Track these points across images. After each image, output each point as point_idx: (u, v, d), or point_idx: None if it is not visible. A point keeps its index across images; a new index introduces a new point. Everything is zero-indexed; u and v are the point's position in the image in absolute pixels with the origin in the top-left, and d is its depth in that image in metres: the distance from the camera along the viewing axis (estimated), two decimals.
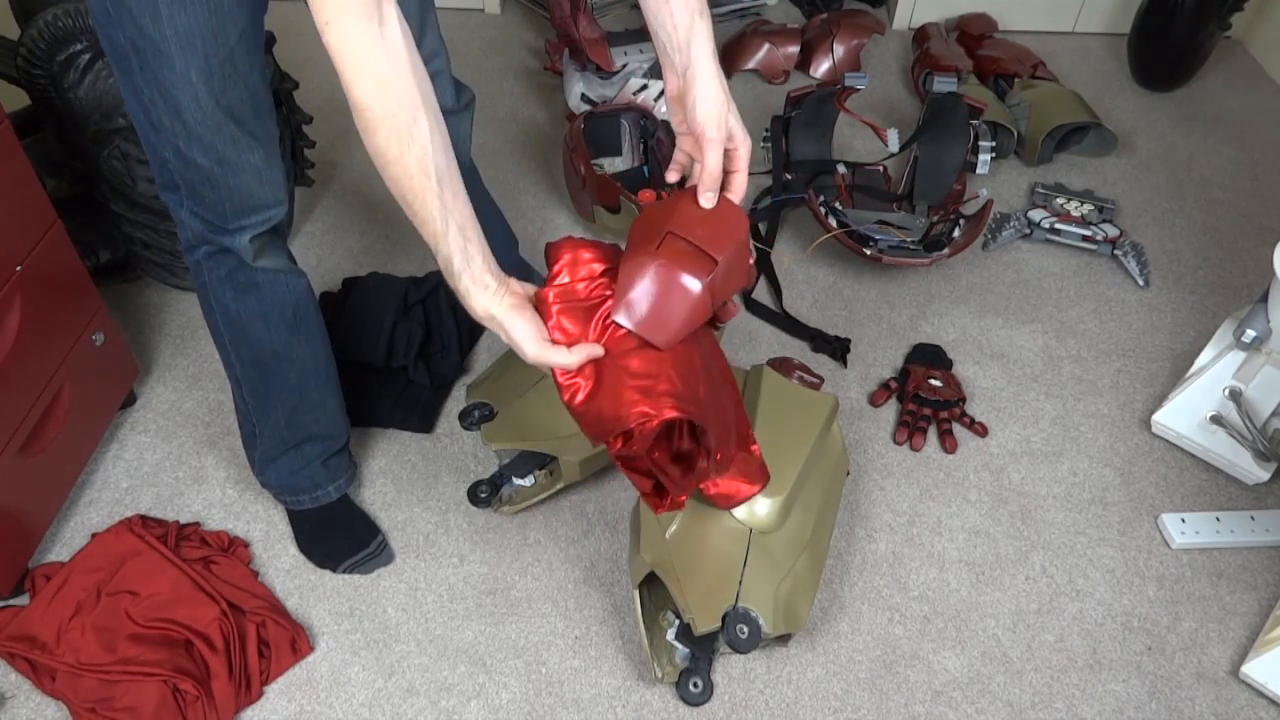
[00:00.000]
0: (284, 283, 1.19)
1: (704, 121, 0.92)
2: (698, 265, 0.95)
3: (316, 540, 1.40)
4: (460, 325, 1.68)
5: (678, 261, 0.95)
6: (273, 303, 1.19)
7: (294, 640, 1.28)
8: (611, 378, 0.96)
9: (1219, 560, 1.45)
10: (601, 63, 2.13)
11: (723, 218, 0.98)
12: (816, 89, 1.94)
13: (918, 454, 1.58)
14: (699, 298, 0.95)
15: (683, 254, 0.96)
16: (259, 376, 1.26)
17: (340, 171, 2.03)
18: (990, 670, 1.32)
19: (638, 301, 0.96)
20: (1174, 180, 2.14)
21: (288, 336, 1.23)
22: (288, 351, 1.24)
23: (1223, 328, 1.61)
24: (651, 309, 0.96)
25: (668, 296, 0.95)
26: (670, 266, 0.95)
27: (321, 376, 1.30)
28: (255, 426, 1.32)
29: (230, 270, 1.15)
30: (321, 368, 1.30)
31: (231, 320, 1.20)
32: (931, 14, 2.56)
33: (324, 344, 1.30)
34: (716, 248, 0.96)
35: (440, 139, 0.86)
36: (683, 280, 0.95)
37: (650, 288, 0.96)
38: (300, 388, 1.28)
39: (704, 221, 0.97)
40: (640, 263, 0.97)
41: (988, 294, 1.86)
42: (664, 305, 0.96)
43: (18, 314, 1.24)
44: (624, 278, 0.97)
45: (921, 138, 1.93)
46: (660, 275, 0.95)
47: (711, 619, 1.19)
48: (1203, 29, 2.27)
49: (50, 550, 1.38)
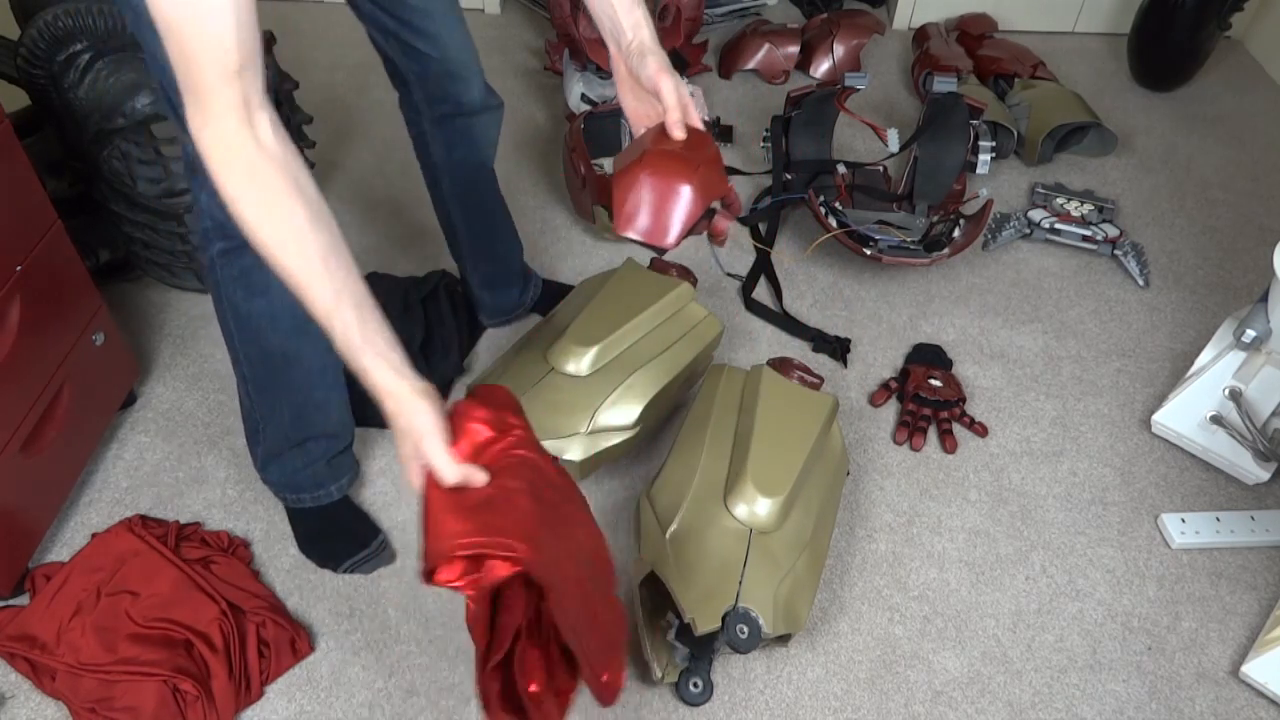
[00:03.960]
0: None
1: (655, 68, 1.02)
2: (682, 166, 1.02)
3: (317, 540, 1.40)
4: (460, 325, 1.68)
5: (663, 167, 1.02)
6: (283, 305, 1.19)
7: (294, 640, 1.28)
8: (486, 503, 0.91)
9: (1219, 560, 1.45)
10: (601, 63, 2.13)
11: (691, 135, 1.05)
12: (816, 89, 1.94)
13: (918, 454, 1.58)
14: (690, 195, 1.02)
15: (666, 161, 1.03)
16: (266, 375, 1.26)
17: (340, 172, 2.03)
18: (990, 670, 1.32)
19: (635, 211, 1.03)
20: (1174, 180, 2.14)
21: (296, 338, 1.23)
22: (296, 352, 1.24)
23: (1223, 328, 1.61)
24: (650, 214, 1.02)
25: (662, 199, 1.02)
26: (658, 172, 1.02)
27: (328, 377, 1.30)
28: (260, 423, 1.32)
29: (243, 269, 1.15)
30: (329, 368, 1.30)
31: (241, 319, 1.20)
32: (931, 14, 2.56)
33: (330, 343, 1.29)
34: (694, 152, 1.03)
35: (321, 221, 0.92)
36: (672, 181, 1.02)
37: (644, 194, 1.02)
38: (306, 387, 1.28)
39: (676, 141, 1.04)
40: (630, 176, 1.03)
41: (988, 294, 1.86)
42: (660, 208, 1.02)
43: (18, 314, 1.24)
44: (618, 194, 1.03)
45: (921, 138, 1.93)
46: (650, 181, 1.02)
47: (711, 619, 1.19)
48: (1203, 29, 2.27)
49: (50, 550, 1.38)
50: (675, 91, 1.02)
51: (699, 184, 1.02)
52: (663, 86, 1.02)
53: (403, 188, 1.99)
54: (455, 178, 1.50)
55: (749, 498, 1.27)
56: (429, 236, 1.87)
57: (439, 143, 1.45)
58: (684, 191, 1.02)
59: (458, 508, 0.90)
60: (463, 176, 1.50)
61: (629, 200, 1.03)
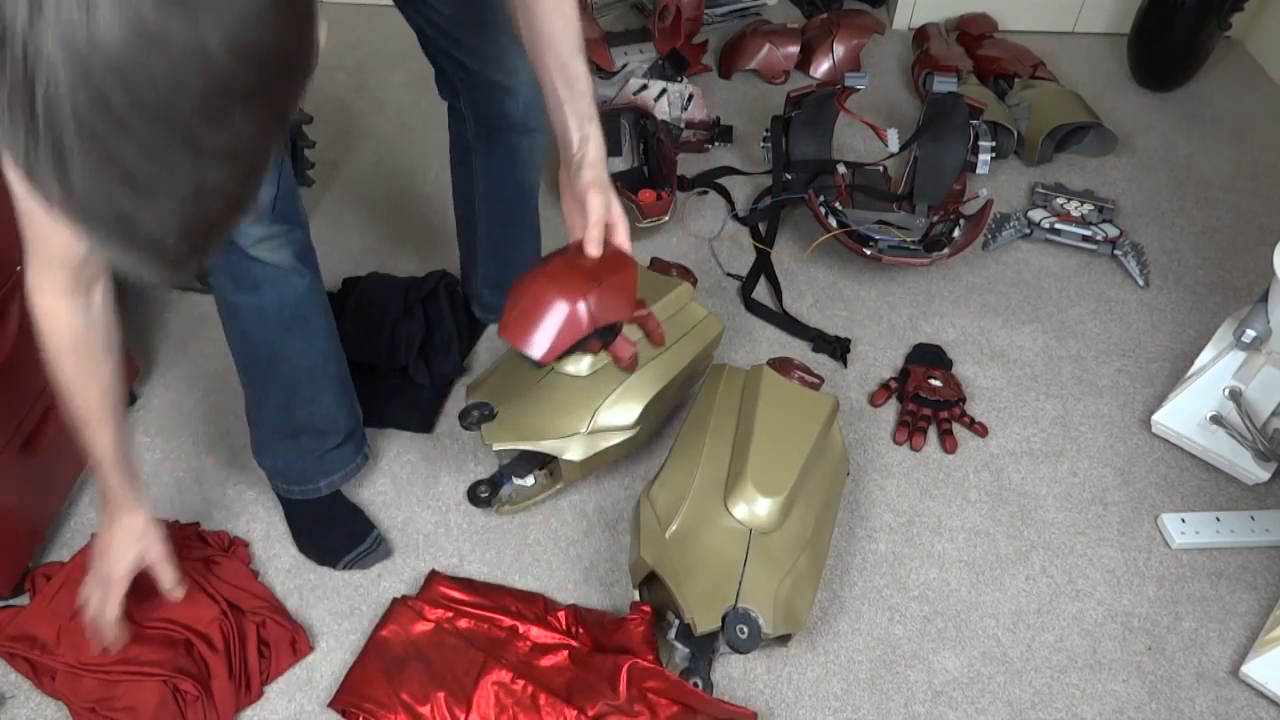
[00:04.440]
0: (283, 281, 1.19)
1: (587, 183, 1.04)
2: (577, 284, 1.03)
3: (313, 538, 1.40)
4: (460, 325, 1.68)
5: (558, 281, 1.03)
6: (271, 301, 1.20)
7: (294, 640, 1.28)
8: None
9: (1219, 560, 1.45)
10: (601, 63, 2.13)
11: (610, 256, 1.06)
12: (816, 89, 1.94)
13: (918, 454, 1.58)
14: (571, 312, 1.02)
15: (564, 276, 1.04)
16: (253, 367, 1.28)
17: (340, 172, 2.03)
18: (990, 670, 1.32)
19: (515, 319, 1.04)
20: (1174, 180, 2.14)
21: (284, 336, 1.23)
22: (283, 350, 1.25)
23: (1223, 328, 1.61)
24: (528, 325, 1.03)
25: (544, 313, 1.03)
26: (551, 284, 1.03)
27: (317, 375, 1.30)
28: (251, 414, 1.34)
29: (230, 263, 1.15)
30: (318, 367, 1.30)
31: (228, 310, 1.22)
32: (931, 14, 2.56)
33: (325, 343, 1.30)
34: (600, 273, 1.04)
35: (120, 369, 1.06)
36: (560, 297, 1.02)
37: (528, 304, 1.03)
38: (293, 384, 1.28)
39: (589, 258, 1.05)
40: (523, 283, 1.05)
41: (988, 294, 1.86)
42: (539, 321, 1.03)
43: (18, 314, 1.24)
44: (510, 297, 1.06)
45: (921, 138, 1.93)
46: (539, 293, 1.03)
47: (711, 619, 1.19)
48: (1203, 29, 2.27)
49: (50, 550, 1.38)
50: (601, 210, 1.03)
51: (591, 305, 1.03)
52: (590, 202, 1.03)
53: (403, 188, 1.99)
54: (493, 190, 1.50)
55: (749, 498, 1.27)
56: (429, 236, 1.87)
57: (481, 155, 1.46)
58: (565, 309, 1.02)
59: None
60: (503, 191, 1.50)
61: (514, 306, 1.05)
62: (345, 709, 1.22)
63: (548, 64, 1.06)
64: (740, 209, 2.00)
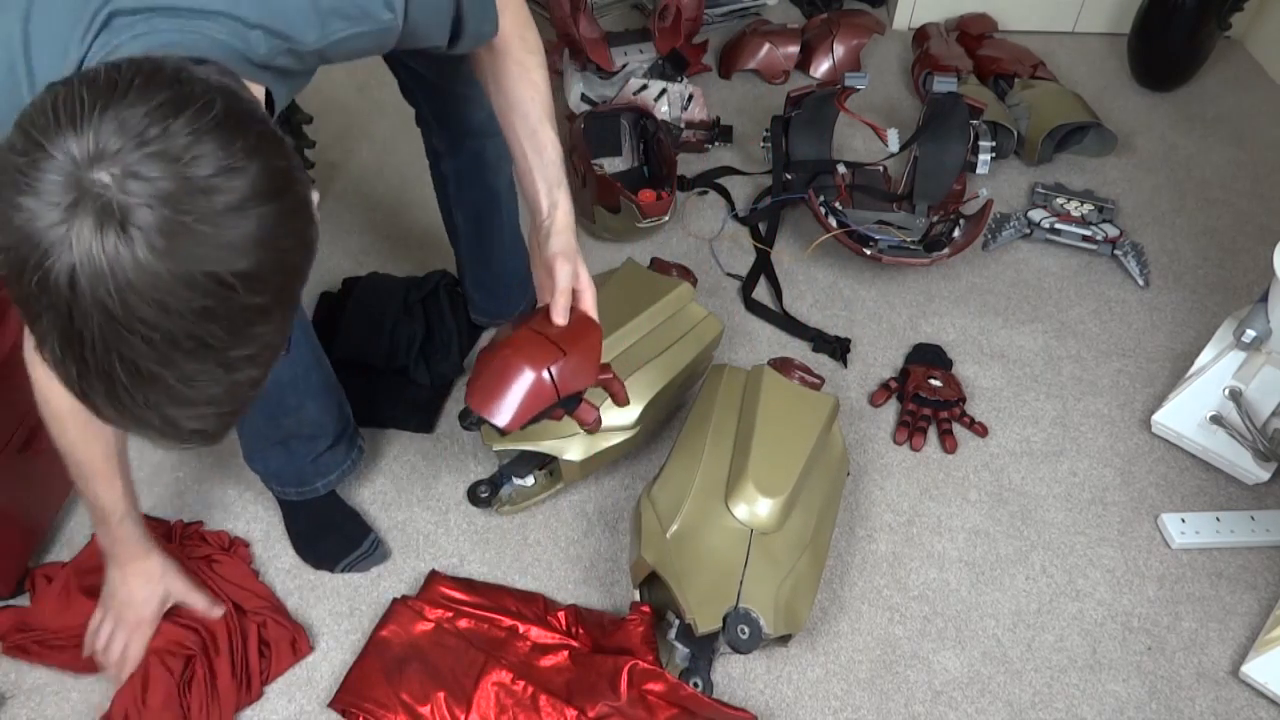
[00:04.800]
0: None
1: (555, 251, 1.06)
2: (542, 354, 1.05)
3: (310, 541, 1.39)
4: (460, 325, 1.68)
5: (524, 350, 1.05)
6: None
7: (294, 640, 1.28)
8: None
9: (1219, 560, 1.45)
10: (601, 63, 2.13)
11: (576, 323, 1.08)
12: (816, 89, 1.94)
13: (918, 454, 1.58)
14: (536, 381, 1.04)
15: (530, 345, 1.06)
16: None
17: (340, 172, 2.03)
18: (990, 670, 1.32)
19: (482, 387, 1.06)
20: (1174, 180, 2.14)
21: None
22: None
23: (1223, 328, 1.61)
24: (494, 393, 1.05)
25: (509, 382, 1.05)
26: (518, 353, 1.05)
27: (299, 384, 1.28)
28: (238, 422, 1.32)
29: None
30: (299, 376, 1.28)
31: None
32: (931, 14, 2.56)
33: (305, 353, 1.28)
34: (564, 343, 1.06)
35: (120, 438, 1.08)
36: (525, 365, 1.04)
37: (494, 373, 1.05)
38: (277, 397, 1.26)
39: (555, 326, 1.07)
40: (490, 352, 1.07)
41: (988, 294, 1.86)
42: (506, 389, 1.05)
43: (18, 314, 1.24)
44: (477, 366, 1.08)
45: (921, 138, 1.93)
46: (505, 362, 1.05)
47: (712, 620, 1.19)
48: (1203, 29, 2.27)
49: (50, 550, 1.38)
50: (568, 279, 1.05)
51: (558, 373, 1.05)
52: (557, 270, 1.05)
53: (402, 188, 1.99)
54: (465, 194, 1.50)
55: (750, 498, 1.27)
56: (429, 236, 1.87)
57: (449, 159, 1.46)
58: (531, 378, 1.04)
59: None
60: (472, 195, 1.50)
61: (481, 375, 1.07)
62: (345, 709, 1.22)
63: (517, 131, 1.09)
64: (740, 209, 2.00)
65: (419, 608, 1.30)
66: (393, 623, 1.28)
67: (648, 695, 1.20)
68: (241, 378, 0.65)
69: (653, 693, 1.20)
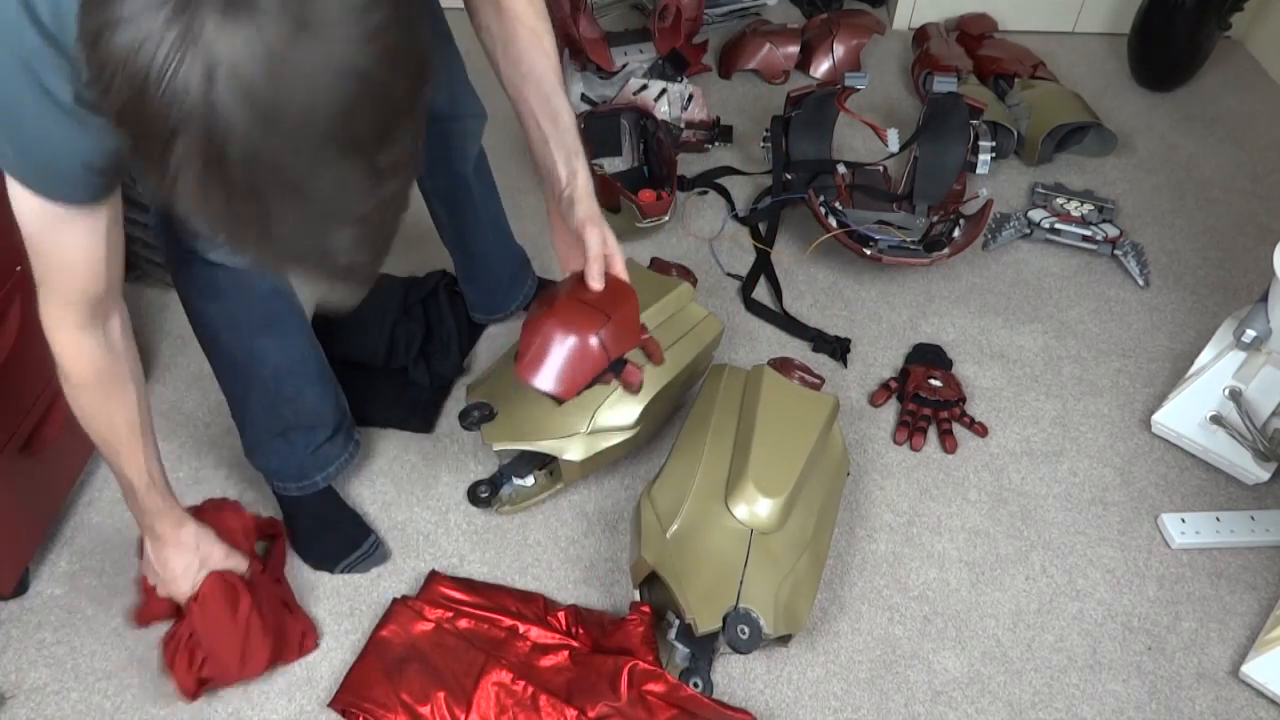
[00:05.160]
0: (250, 285, 1.18)
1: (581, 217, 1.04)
2: (588, 320, 1.05)
3: (310, 541, 1.39)
4: (460, 325, 1.68)
5: (570, 318, 1.05)
6: (239, 306, 1.19)
7: (304, 635, 1.28)
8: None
9: (1219, 560, 1.45)
10: (601, 63, 2.13)
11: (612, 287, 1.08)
12: (816, 89, 1.94)
13: (918, 454, 1.58)
14: (587, 347, 1.05)
15: (574, 312, 1.05)
16: (230, 372, 1.28)
17: None
18: (990, 670, 1.32)
19: (535, 360, 1.05)
20: (1174, 180, 2.14)
21: (258, 340, 1.23)
22: (259, 353, 1.25)
23: (1223, 328, 1.61)
24: (548, 364, 1.05)
25: (562, 351, 1.05)
26: (564, 323, 1.05)
27: (297, 371, 1.29)
28: (238, 416, 1.34)
29: (192, 274, 1.16)
30: (296, 363, 1.29)
31: (196, 318, 1.22)
32: (931, 14, 2.56)
33: (299, 339, 1.29)
34: (606, 307, 1.06)
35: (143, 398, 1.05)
36: (575, 332, 1.04)
37: (545, 344, 1.05)
38: (275, 383, 1.28)
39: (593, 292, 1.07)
40: (536, 324, 1.06)
41: (988, 294, 1.86)
42: (559, 359, 1.05)
43: (18, 314, 1.24)
44: (524, 340, 1.07)
45: (921, 138, 1.93)
46: (554, 332, 1.05)
47: (712, 620, 1.19)
48: (1203, 29, 2.27)
49: (50, 550, 1.38)
50: (599, 243, 1.03)
51: (605, 337, 1.05)
52: (587, 237, 1.03)
53: None
54: (434, 179, 1.51)
55: (750, 498, 1.27)
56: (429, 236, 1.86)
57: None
58: (584, 344, 1.04)
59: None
60: (440, 179, 1.50)
61: (531, 348, 1.06)
62: (345, 709, 1.22)
63: (530, 101, 1.07)
64: (740, 209, 2.00)
65: (419, 608, 1.29)
66: (393, 623, 1.28)
67: (648, 696, 1.20)
68: (388, 192, 0.61)
69: (652, 693, 1.20)
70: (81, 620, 1.31)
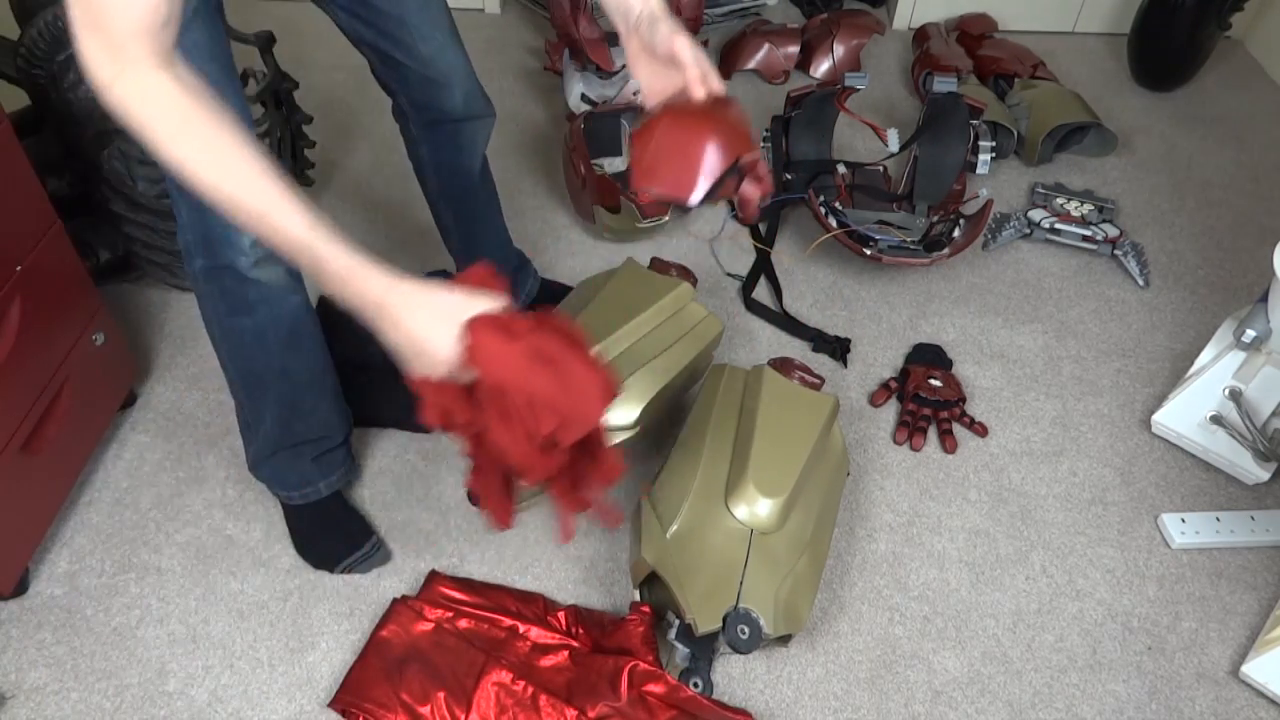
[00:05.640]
0: (280, 300, 1.18)
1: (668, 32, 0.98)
2: (704, 121, 0.97)
3: (311, 541, 1.40)
4: None
5: (685, 121, 0.97)
6: (268, 323, 1.19)
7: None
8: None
9: (1219, 560, 1.45)
10: (601, 63, 2.13)
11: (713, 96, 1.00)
12: (816, 89, 1.94)
13: (918, 454, 1.58)
14: (713, 146, 0.96)
15: (687, 116, 0.98)
16: (252, 386, 1.27)
17: (340, 171, 2.03)
18: (990, 670, 1.32)
19: (655, 164, 0.97)
20: (1174, 180, 2.14)
21: (282, 353, 1.23)
22: (282, 367, 1.24)
23: (1223, 328, 1.61)
24: (671, 167, 0.97)
25: (683, 151, 0.97)
26: (679, 124, 0.97)
27: (315, 386, 1.30)
28: (249, 428, 1.33)
29: (224, 288, 1.14)
30: (315, 378, 1.30)
31: (225, 334, 1.21)
32: (931, 14, 2.56)
33: (320, 354, 1.29)
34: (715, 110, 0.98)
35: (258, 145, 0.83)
36: (694, 133, 0.96)
37: (664, 146, 0.97)
38: (293, 398, 1.28)
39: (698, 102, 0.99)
40: (650, 129, 0.98)
41: (988, 294, 1.86)
42: (682, 161, 0.97)
43: (18, 314, 1.24)
44: (637, 148, 0.98)
45: (921, 138, 1.93)
46: (672, 133, 0.97)
47: (712, 619, 1.19)
48: (1203, 29, 2.27)
49: (50, 550, 1.38)
50: (693, 51, 0.97)
51: (722, 138, 0.97)
52: (679, 49, 0.97)
53: (403, 188, 1.99)
54: (441, 180, 1.51)
55: (750, 498, 1.27)
56: (429, 236, 1.86)
57: (425, 145, 1.46)
58: (706, 142, 0.96)
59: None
60: (449, 180, 1.51)
61: (649, 152, 0.97)
62: (345, 709, 1.22)
63: None
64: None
65: (419, 608, 1.29)
66: (393, 623, 1.28)
67: (648, 696, 1.20)
68: None
69: (652, 694, 1.20)
70: (81, 620, 1.31)
